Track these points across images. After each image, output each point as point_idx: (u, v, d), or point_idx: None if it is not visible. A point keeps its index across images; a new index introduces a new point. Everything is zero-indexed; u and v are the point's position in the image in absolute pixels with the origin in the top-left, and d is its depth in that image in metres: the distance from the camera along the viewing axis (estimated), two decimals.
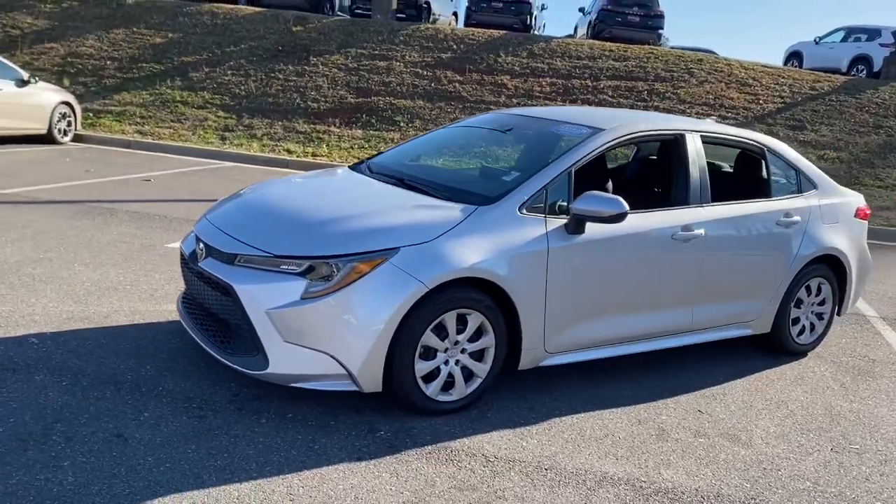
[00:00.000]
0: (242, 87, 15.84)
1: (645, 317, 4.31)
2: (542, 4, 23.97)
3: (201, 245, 3.78)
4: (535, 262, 3.78)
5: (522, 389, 4.12)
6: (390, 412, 3.64)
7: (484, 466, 3.25)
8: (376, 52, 17.26)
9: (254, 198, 4.13)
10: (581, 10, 22.56)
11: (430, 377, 3.65)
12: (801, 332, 5.16)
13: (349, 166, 4.88)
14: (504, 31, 18.70)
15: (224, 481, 2.91)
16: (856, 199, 5.45)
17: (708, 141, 4.83)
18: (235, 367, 3.50)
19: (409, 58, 17.07)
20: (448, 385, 3.71)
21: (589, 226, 3.97)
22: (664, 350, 4.69)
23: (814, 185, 5.17)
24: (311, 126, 14.48)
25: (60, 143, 12.57)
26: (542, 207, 3.89)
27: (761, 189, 4.99)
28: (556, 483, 3.17)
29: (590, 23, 21.02)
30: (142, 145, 13.14)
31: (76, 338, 4.15)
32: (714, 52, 20.88)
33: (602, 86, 16.29)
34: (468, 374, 3.76)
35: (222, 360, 3.56)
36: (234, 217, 3.90)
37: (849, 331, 5.93)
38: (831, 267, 5.20)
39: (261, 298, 3.38)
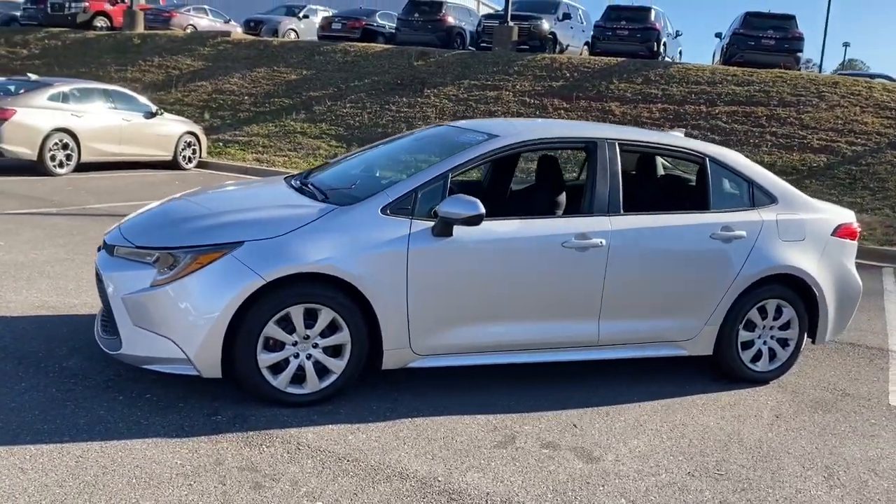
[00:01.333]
0: (357, 119, 16.76)
1: (535, 326, 4.22)
2: (676, 31, 23.21)
3: (103, 241, 4.22)
4: (394, 263, 3.86)
5: (398, 390, 4.17)
6: (248, 401, 3.85)
7: (288, 453, 3.37)
8: (488, 82, 17.63)
9: (171, 201, 4.52)
10: (717, 35, 21.68)
11: (279, 369, 3.82)
12: (756, 358, 4.77)
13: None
14: (623, 59, 18.40)
15: (35, 441, 3.26)
16: (836, 217, 4.97)
17: (630, 150, 4.66)
18: (102, 347, 3.88)
19: (519, 87, 17.27)
20: (300, 378, 3.86)
21: (464, 231, 3.99)
22: (604, 362, 4.56)
23: (772, 199, 4.79)
24: None
25: (184, 169, 13.94)
26: (409, 210, 3.97)
27: (698, 201, 4.71)
28: (343, 472, 3.24)
29: (722, 48, 20.17)
30: (255, 171, 14.26)
31: (35, 322, 4.73)
32: (892, 78, 19.21)
33: (717, 111, 15.58)
34: (322, 369, 3.89)
35: (97, 340, 3.95)
36: (139, 217, 4.30)
37: (848, 362, 5.35)
38: (795, 289, 4.77)
39: (119, 285, 3.75)
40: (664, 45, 20.80)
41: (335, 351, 3.91)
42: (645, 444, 3.78)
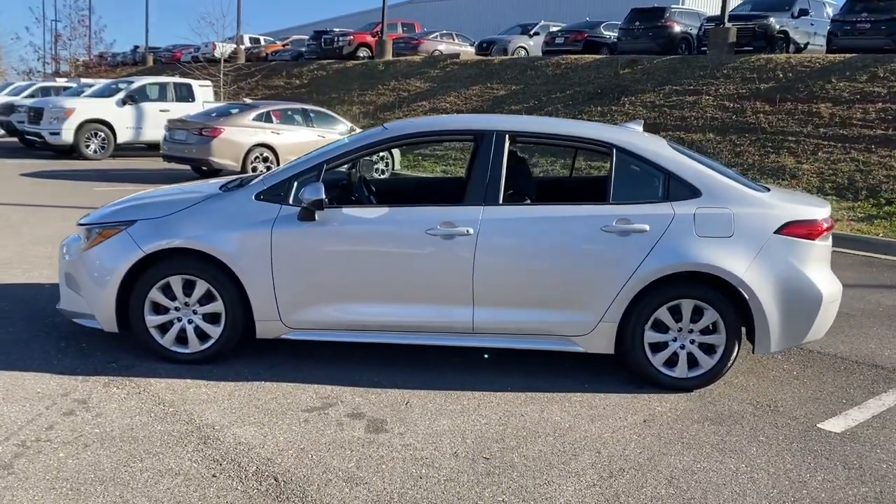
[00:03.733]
0: None
1: (404, 309, 4.41)
2: None
3: None
4: (260, 243, 4.36)
5: (281, 359, 4.62)
6: (147, 356, 4.58)
7: (125, 395, 4.03)
8: (690, 87, 16.81)
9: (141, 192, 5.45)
10: None
11: (165, 329, 4.50)
12: (671, 363, 4.41)
13: None
14: (848, 55, 16.38)
15: None
16: (785, 212, 4.40)
17: (524, 141, 4.61)
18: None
19: (722, 91, 16.24)
20: (185, 340, 4.51)
21: (328, 216, 4.36)
22: (521, 352, 4.64)
23: (694, 192, 4.40)
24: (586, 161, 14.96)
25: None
26: (282, 197, 4.43)
27: (599, 193, 4.50)
28: (144, 412, 3.80)
29: None
30: None
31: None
32: None
33: None
34: (201, 334, 4.50)
35: None
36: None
37: (820, 378, 4.64)
38: (721, 290, 4.34)
39: (66, 253, 4.71)
40: None
41: (213, 318, 4.49)
42: (452, 427, 3.81)
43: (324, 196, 4.22)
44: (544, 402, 4.17)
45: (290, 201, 4.41)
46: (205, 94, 19.08)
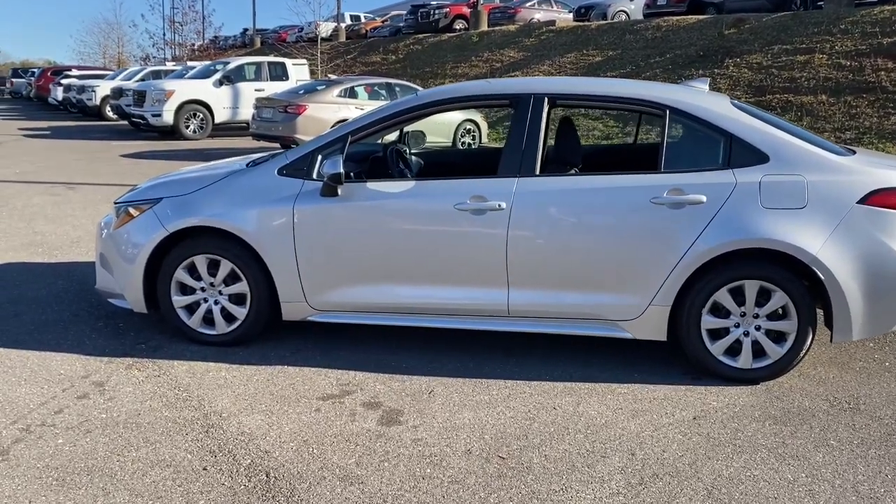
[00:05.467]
0: None
1: (434, 290, 4.09)
2: None
3: None
4: (281, 221, 4.14)
5: (309, 341, 4.41)
6: (178, 337, 4.48)
7: (145, 377, 3.92)
8: (802, 45, 15.49)
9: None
10: None
11: (192, 310, 4.37)
12: (732, 352, 3.90)
13: None
14: None
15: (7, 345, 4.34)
16: (873, 179, 3.78)
17: (567, 104, 4.16)
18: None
19: (838, 48, 14.86)
20: (210, 321, 4.37)
21: (352, 191, 4.09)
22: (559, 337, 4.28)
23: (761, 157, 3.84)
24: None
25: None
26: (305, 171, 4.19)
27: (649, 162, 4.00)
28: (156, 396, 3.67)
29: None
30: None
31: None
32: None
33: None
34: (228, 315, 4.34)
35: None
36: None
37: None
38: (792, 269, 3.79)
39: (102, 232, 4.65)
40: None
41: (239, 299, 4.32)
42: (472, 420, 3.48)
43: (342, 170, 3.94)
44: (583, 394, 3.76)
45: (314, 176, 4.16)
46: (299, 73, 19.25)
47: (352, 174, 4.28)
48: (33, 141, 16.94)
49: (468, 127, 15.03)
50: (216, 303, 4.34)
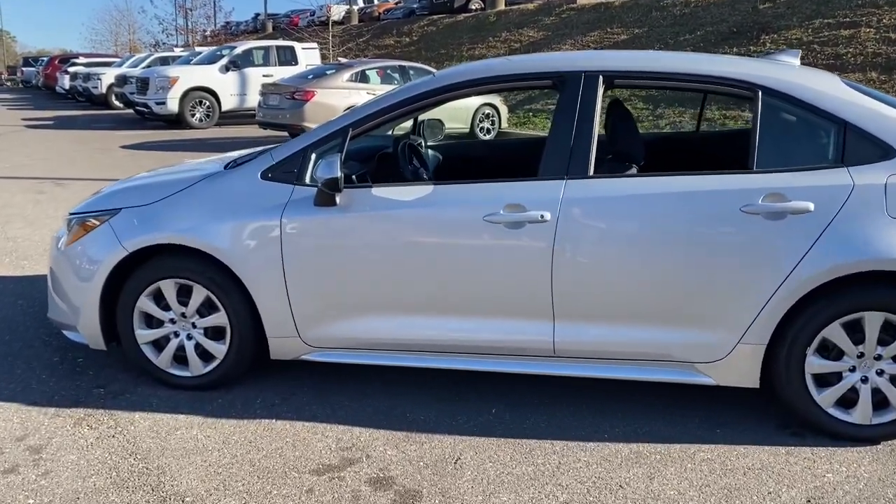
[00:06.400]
0: None
1: (454, 323, 3.23)
2: None
3: None
4: (266, 237, 3.30)
5: (302, 385, 3.58)
6: (145, 378, 3.66)
7: (96, 437, 3.10)
8: (847, 19, 14.40)
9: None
10: None
11: (161, 346, 3.55)
12: (845, 403, 3.02)
13: None
14: None
15: None
16: None
17: (629, 84, 3.26)
18: None
19: (886, 20, 13.77)
20: (183, 359, 3.54)
21: (355, 199, 3.24)
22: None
23: (885, 151, 2.93)
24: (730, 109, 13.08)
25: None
26: (295, 174, 3.34)
27: (737, 155, 3.12)
28: (109, 472, 2.86)
29: None
30: None
31: None
32: None
33: None
34: (203, 353, 3.51)
35: None
36: None
37: None
38: None
39: (53, 249, 3.82)
40: None
41: (217, 333, 3.49)
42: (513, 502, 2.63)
43: (341, 172, 3.08)
44: (654, 463, 2.89)
45: (306, 180, 3.31)
46: (309, 57, 18.36)
47: (354, 177, 3.42)
48: (35, 132, 16.21)
49: (487, 111, 14.14)
50: (189, 338, 3.51)
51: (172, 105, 16.54)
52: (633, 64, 3.26)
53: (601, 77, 3.19)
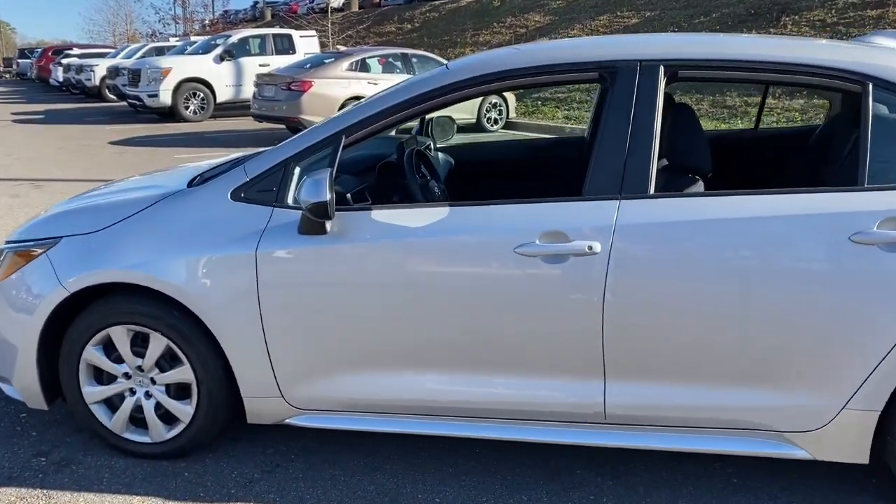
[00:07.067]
0: None
1: (476, 380, 2.56)
2: None
3: None
4: (239, 272, 2.62)
5: (293, 452, 2.92)
6: (97, 445, 3.00)
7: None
8: None
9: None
10: None
11: (115, 406, 2.89)
12: None
13: None
14: None
15: None
16: None
17: (696, 76, 2.57)
18: None
19: None
20: (142, 421, 2.88)
21: (350, 223, 2.56)
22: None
23: None
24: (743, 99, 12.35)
25: (489, 131, 13.41)
26: (274, 193, 2.66)
27: (843, 171, 2.43)
28: None
29: None
30: (551, 129, 13.12)
31: None
32: None
33: None
34: (166, 415, 2.85)
35: None
36: None
37: None
38: None
39: None
40: None
41: (182, 391, 2.82)
42: None
43: (331, 194, 2.40)
44: None
45: (288, 200, 2.63)
46: (308, 46, 17.61)
47: (348, 195, 2.73)
48: (23, 127, 15.52)
49: (494, 101, 13.43)
50: (148, 396, 2.84)
51: (165, 97, 15.83)
52: (701, 50, 2.56)
53: (662, 67, 2.50)
